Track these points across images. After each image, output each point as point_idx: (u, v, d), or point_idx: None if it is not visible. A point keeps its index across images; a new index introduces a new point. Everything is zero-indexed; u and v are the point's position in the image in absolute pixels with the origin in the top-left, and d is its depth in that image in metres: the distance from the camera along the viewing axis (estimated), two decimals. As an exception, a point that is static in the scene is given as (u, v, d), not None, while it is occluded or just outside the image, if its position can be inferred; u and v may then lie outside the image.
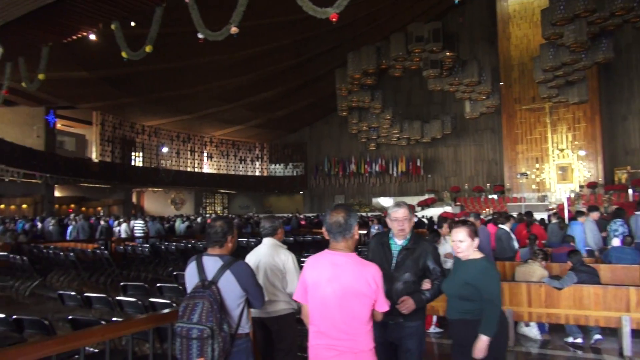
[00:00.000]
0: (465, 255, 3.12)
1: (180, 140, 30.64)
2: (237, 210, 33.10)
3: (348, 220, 2.54)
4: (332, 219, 2.55)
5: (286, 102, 29.19)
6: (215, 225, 3.02)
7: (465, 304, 3.05)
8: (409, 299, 3.01)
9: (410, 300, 3.02)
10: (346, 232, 2.53)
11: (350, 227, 2.54)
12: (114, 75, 19.88)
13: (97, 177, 24.62)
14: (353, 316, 2.43)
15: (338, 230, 2.52)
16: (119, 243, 11.96)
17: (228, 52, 20.72)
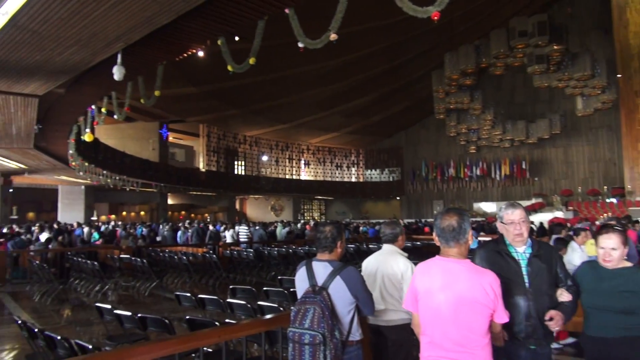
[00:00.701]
0: (614, 265, 2.78)
1: (279, 149, 31.71)
2: (334, 216, 33.46)
3: (462, 224, 2.37)
4: (444, 223, 2.39)
5: (381, 107, 29.02)
6: (325, 230, 3.00)
7: (630, 318, 2.69)
8: (558, 314, 2.65)
9: (559, 315, 2.65)
10: (460, 237, 2.36)
11: (464, 231, 2.37)
12: (218, 89, 21.09)
13: (204, 186, 26.23)
14: (469, 327, 2.26)
15: (451, 235, 2.36)
16: (226, 248, 12.59)
17: (323, 60, 21.08)
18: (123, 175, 20.65)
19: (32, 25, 6.87)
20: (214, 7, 7.30)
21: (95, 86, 10.68)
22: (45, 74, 9.11)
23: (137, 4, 6.48)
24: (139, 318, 4.09)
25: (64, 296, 9.10)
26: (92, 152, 17.38)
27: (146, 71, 10.11)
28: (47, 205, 27.34)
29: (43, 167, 19.17)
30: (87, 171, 18.06)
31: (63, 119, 12.99)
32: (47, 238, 12.03)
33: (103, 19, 6.86)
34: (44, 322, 7.20)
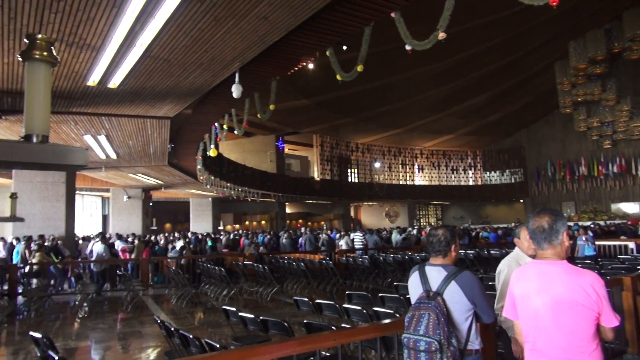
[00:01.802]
0: None
1: (392, 155, 31.49)
2: (451, 221, 32.31)
3: (554, 225, 2.24)
4: (534, 224, 2.31)
5: (498, 106, 27.48)
6: (438, 233, 2.93)
7: None
8: None
9: None
10: (552, 238, 2.24)
11: (556, 232, 2.24)
12: (329, 99, 21.60)
13: (319, 194, 26.93)
14: (571, 331, 2.11)
15: (542, 237, 2.26)
16: (341, 254, 12.77)
17: (434, 61, 20.58)
18: (244, 186, 22.02)
19: (163, 54, 7.62)
20: (321, 19, 7.51)
21: (217, 105, 11.56)
22: (174, 97, 10.06)
23: (249, 26, 6.88)
24: (261, 321, 4.30)
25: (196, 299, 9.91)
26: (217, 167, 18.80)
27: (261, 87, 10.70)
28: (181, 217, 30.13)
29: (176, 181, 21.17)
30: (213, 184, 19.57)
31: (191, 137, 14.24)
32: (181, 246, 13.24)
33: (220, 43, 7.39)
34: (180, 322, 7.90)
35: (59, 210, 14.80)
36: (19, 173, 14.79)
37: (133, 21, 6.13)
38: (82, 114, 10.78)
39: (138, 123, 11.63)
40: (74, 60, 7.55)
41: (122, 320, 8.51)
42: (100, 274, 11.77)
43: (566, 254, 2.32)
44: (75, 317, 9.05)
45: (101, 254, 12.02)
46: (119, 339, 7.28)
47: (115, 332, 7.70)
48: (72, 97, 9.54)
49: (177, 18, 6.23)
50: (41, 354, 3.63)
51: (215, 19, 6.48)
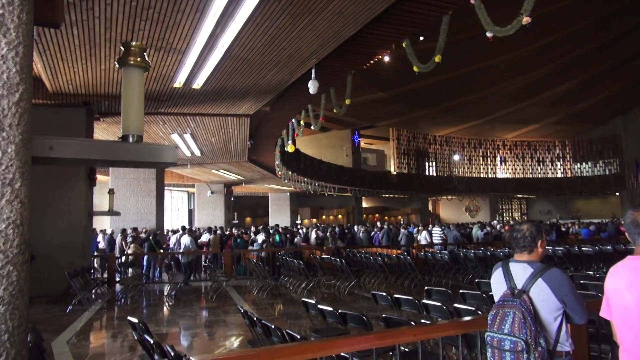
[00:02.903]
0: None
1: (472, 147, 30.41)
2: (537, 216, 30.61)
3: None
4: (631, 218, 2.17)
5: (590, 92, 25.52)
6: (522, 228, 2.80)
7: None
8: None
9: None
10: None
11: None
12: (406, 92, 21.22)
13: (395, 188, 26.64)
14: None
15: (638, 231, 2.09)
16: (420, 249, 12.56)
17: (516, 47, 19.53)
18: (321, 181, 22.31)
19: (242, 54, 7.90)
20: (397, 10, 7.40)
21: (293, 101, 11.80)
22: (253, 95, 10.40)
23: (324, 22, 6.94)
24: (339, 314, 4.36)
25: (276, 291, 10.21)
26: (294, 162, 19.19)
27: (337, 82, 10.76)
28: (260, 211, 31.14)
29: (255, 177, 21.90)
30: (291, 179, 20.02)
31: (269, 133, 14.66)
32: (263, 240, 13.69)
33: (297, 41, 7.52)
34: (261, 313, 8.19)
35: (150, 205, 15.90)
36: (115, 170, 16.05)
37: (215, 24, 6.42)
38: (169, 114, 11.46)
39: (220, 121, 12.17)
40: (162, 64, 8.04)
41: (208, 309, 8.97)
42: (187, 264, 12.50)
43: None
44: (165, 304, 9.67)
45: (188, 245, 12.76)
46: (205, 327, 7.69)
47: (201, 320, 8.14)
48: (161, 98, 10.17)
49: (255, 18, 6.43)
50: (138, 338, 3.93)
51: (291, 16, 6.60)
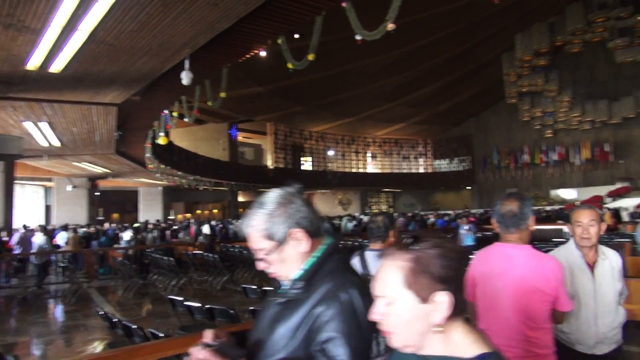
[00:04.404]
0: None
1: (345, 143, 31.78)
2: (402, 208, 33.04)
3: (523, 209, 2.29)
4: (504, 208, 2.33)
5: (449, 95, 28.22)
6: (377, 220, 3.03)
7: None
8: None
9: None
10: (521, 223, 2.28)
11: (525, 216, 2.29)
12: (283, 87, 21.50)
13: (272, 183, 26.80)
14: (528, 315, 2.17)
15: (512, 221, 2.29)
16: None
17: (387, 51, 20.83)
18: (196, 175, 21.66)
19: (108, 39, 7.37)
20: (272, 7, 7.46)
21: (166, 92, 11.29)
22: (121, 83, 9.75)
23: (199, 12, 6.76)
24: (207, 309, 4.32)
25: (144, 290, 9.74)
26: (167, 155, 18.37)
27: (212, 74, 10.53)
28: (130, 206, 29.30)
29: (124, 170, 20.55)
30: (163, 173, 19.13)
31: (139, 124, 13.85)
32: (131, 236, 12.92)
33: (169, 29, 7.22)
34: (127, 314, 7.76)
35: (-4, 201, 14.06)
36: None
37: (76, 4, 5.90)
38: (22, 99, 10.27)
39: (82, 110, 11.20)
40: (12, 43, 7.17)
41: (66, 313, 8.26)
42: (41, 266, 11.27)
43: (529, 238, 2.42)
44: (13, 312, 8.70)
45: (42, 245, 11.53)
46: (61, 333, 7.08)
47: (57, 326, 7.47)
48: (10, 81, 9.06)
49: (122, 2, 6.04)
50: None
51: (163, 4, 6.32)
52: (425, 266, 0.98)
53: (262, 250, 1.33)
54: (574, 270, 2.59)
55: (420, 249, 1.01)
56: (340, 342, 1.18)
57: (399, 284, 0.99)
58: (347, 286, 1.22)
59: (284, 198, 1.37)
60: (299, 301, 1.26)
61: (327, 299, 1.22)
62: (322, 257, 1.33)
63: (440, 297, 0.97)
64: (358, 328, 1.16)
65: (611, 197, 22.90)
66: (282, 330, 1.25)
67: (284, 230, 1.31)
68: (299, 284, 1.29)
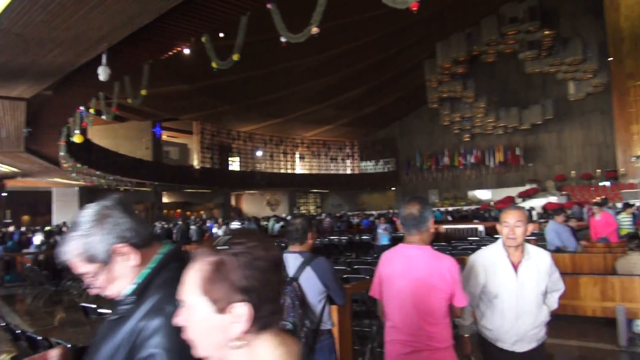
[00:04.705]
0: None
1: (274, 144, 31.72)
2: (330, 209, 33.53)
3: (423, 213, 2.45)
4: (406, 211, 2.47)
5: (374, 99, 29.04)
6: (295, 223, 3.09)
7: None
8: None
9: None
10: (421, 225, 2.44)
11: (425, 219, 2.44)
12: (211, 86, 21.07)
13: (198, 183, 26.26)
14: (427, 311, 2.34)
15: (412, 223, 2.45)
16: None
17: (314, 53, 21.07)
18: (116, 175, 20.67)
19: (15, 29, 6.88)
20: (195, 4, 7.33)
21: (82, 87, 10.69)
22: (31, 76, 9.12)
23: (117, 5, 6.50)
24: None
25: (57, 298, 9.16)
26: (84, 153, 17.38)
27: (133, 70, 10.14)
28: (42, 208, 27.38)
29: (35, 170, 19.16)
30: (80, 172, 18.07)
31: (52, 121, 13.00)
32: (42, 241, 12.08)
33: (84, 21, 6.87)
34: (37, 324, 7.27)
35: None
36: None
37: (-26, -11, 5.46)
38: None
39: (-15, 104, 10.36)
40: None
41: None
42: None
43: (430, 239, 2.55)
44: None
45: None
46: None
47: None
48: None
49: (29, -10, 5.68)
50: None
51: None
52: (225, 273, 0.87)
53: (88, 275, 1.21)
54: (498, 270, 2.62)
55: (227, 251, 0.90)
56: (161, 359, 1.08)
57: (196, 289, 0.89)
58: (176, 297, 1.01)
59: (98, 214, 1.24)
60: (127, 317, 1.17)
61: (152, 312, 1.14)
62: (156, 268, 1.24)
63: (238, 308, 0.87)
64: (183, 343, 0.96)
65: (521, 197, 24.66)
66: (106, 348, 1.16)
67: (106, 249, 1.20)
68: (129, 299, 1.19)
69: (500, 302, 2.58)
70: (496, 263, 2.63)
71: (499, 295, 2.58)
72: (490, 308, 2.63)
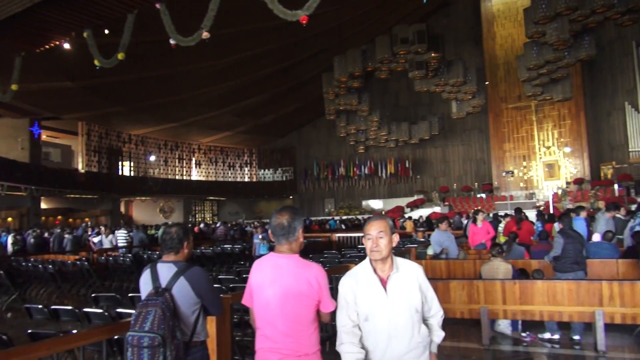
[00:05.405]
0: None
1: (168, 148, 30.50)
2: (226, 217, 32.94)
3: (292, 223, 2.51)
4: (276, 221, 2.52)
5: (274, 107, 29.17)
6: (171, 231, 3.00)
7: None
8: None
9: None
10: (290, 235, 2.50)
11: (294, 230, 2.51)
12: (100, 84, 19.73)
13: (83, 188, 24.40)
14: (294, 318, 2.39)
15: (281, 233, 2.50)
16: (101, 254, 11.83)
17: (214, 58, 20.70)
18: (-16, 177, 18.53)
19: None
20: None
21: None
22: None
23: (-19, -12, 5.87)
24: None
25: None
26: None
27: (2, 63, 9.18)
28: None
29: None
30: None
31: None
32: None
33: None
34: None
35: None
36: None
37: None
38: None
39: None
40: None
41: None
42: None
43: (299, 249, 2.59)
44: None
45: None
46: None
47: None
48: None
49: None
50: None
51: None
52: None
53: None
54: (366, 287, 2.38)
55: None
56: None
57: None
58: None
59: None
60: None
61: None
62: None
63: None
64: None
65: (410, 207, 26.19)
66: None
67: None
68: None
69: (372, 322, 2.34)
70: (364, 280, 2.40)
71: (370, 315, 2.34)
72: (365, 329, 2.38)
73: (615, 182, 19.99)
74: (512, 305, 5.31)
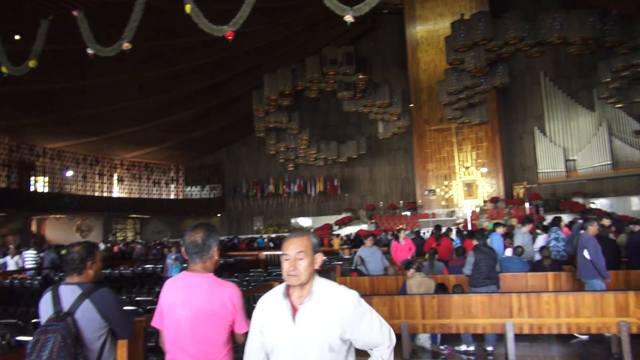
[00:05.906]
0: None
1: (88, 164, 28.88)
2: (150, 235, 31.59)
3: (206, 241, 2.44)
4: (189, 238, 2.44)
5: (202, 123, 28.64)
6: (72, 251, 2.81)
7: None
8: None
9: None
10: (203, 253, 2.42)
11: (208, 247, 2.43)
12: (10, 93, 18.38)
13: (-12, 205, 22.48)
14: (206, 340, 2.31)
15: (195, 251, 2.42)
16: (5, 277, 10.87)
17: (140, 71, 20.04)
18: None
19: None
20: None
21: None
22: None
23: None
24: None
25: None
26: None
27: None
28: None
29: None
30: None
31: None
32: None
33: None
34: None
35: None
36: None
37: None
38: None
39: None
40: None
41: None
42: None
43: (214, 267, 2.49)
44: None
45: None
46: None
47: None
48: None
49: None
50: None
51: None
52: None
53: None
54: (275, 315, 2.02)
55: None
56: None
57: None
58: None
59: None
60: None
61: None
62: None
63: None
64: None
65: (338, 225, 26.52)
66: None
67: None
68: None
69: (276, 356, 2.00)
70: (276, 306, 2.03)
71: (275, 348, 1.99)
72: None
73: (526, 200, 21.40)
74: (430, 320, 5.49)
